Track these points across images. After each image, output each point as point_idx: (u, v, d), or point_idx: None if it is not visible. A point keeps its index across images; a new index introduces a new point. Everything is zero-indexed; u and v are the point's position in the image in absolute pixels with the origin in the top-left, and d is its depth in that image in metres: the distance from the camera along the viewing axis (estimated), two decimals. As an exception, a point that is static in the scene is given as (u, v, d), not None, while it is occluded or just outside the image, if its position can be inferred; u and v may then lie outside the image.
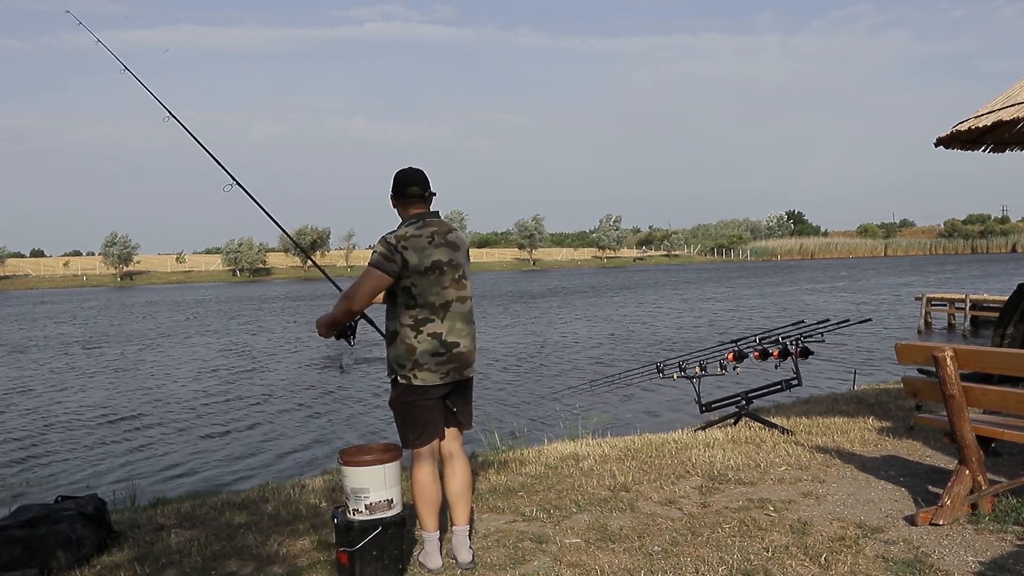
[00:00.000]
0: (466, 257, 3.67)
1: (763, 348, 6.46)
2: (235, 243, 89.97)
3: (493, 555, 3.71)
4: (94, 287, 77.43)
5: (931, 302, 25.00)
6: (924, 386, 4.38)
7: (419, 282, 3.47)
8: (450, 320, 3.51)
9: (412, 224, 3.54)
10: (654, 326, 26.45)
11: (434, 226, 3.56)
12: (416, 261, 3.45)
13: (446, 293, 3.51)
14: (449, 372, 3.51)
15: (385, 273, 3.45)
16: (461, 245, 3.64)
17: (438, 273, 3.49)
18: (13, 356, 23.43)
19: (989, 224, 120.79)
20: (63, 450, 11.60)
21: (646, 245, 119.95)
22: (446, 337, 3.49)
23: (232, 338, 27.08)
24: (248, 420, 13.41)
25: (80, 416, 14.08)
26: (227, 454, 11.14)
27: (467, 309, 3.59)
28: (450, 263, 3.53)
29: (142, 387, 17.14)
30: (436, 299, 3.49)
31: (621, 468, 5.13)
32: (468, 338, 3.57)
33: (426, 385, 3.48)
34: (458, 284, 3.56)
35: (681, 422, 8.64)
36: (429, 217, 3.60)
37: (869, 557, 3.52)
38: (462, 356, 3.54)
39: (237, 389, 16.53)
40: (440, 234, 3.55)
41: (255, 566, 3.73)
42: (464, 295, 3.59)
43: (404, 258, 3.44)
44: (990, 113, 5.04)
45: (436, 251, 3.50)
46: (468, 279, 3.64)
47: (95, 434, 12.59)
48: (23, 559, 3.72)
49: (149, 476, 10.03)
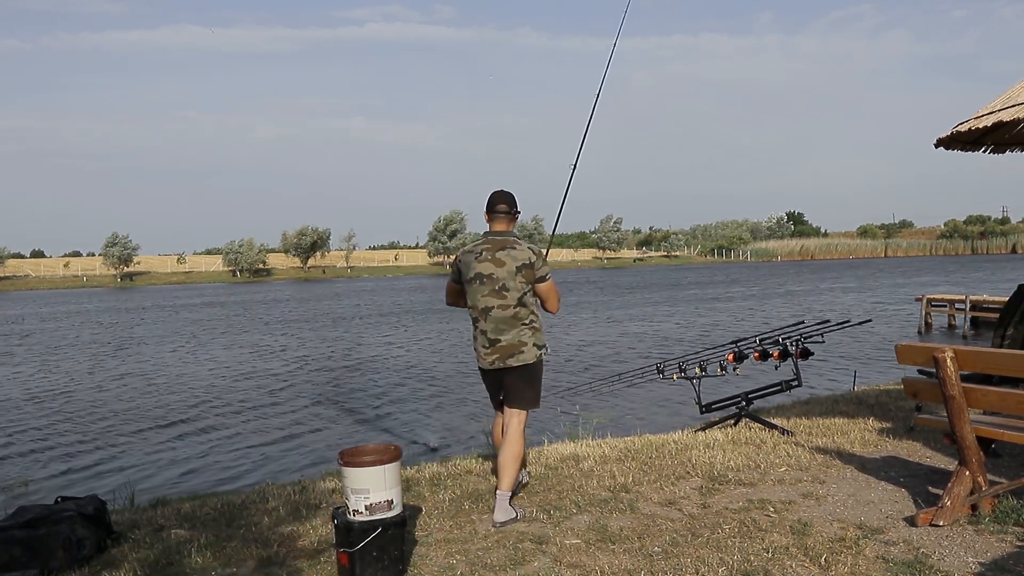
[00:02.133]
0: (516, 272, 4.22)
1: (763, 349, 6.45)
2: (235, 244, 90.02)
3: (493, 556, 3.71)
4: (94, 288, 77.39)
5: (931, 303, 24.99)
6: (924, 387, 4.37)
7: (468, 289, 4.33)
8: (491, 322, 4.25)
9: (477, 242, 4.37)
10: (654, 327, 26.45)
11: (488, 244, 4.29)
12: (464, 272, 4.32)
13: (486, 300, 4.25)
14: (494, 360, 4.28)
15: (450, 280, 4.48)
16: (510, 262, 4.23)
17: (479, 283, 4.26)
18: (13, 356, 23.43)
19: (989, 225, 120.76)
20: (63, 450, 11.60)
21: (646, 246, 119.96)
22: (490, 334, 4.26)
23: (234, 340, 27.07)
24: (248, 421, 13.41)
25: (80, 416, 14.08)
26: (227, 455, 11.14)
27: (509, 315, 4.24)
28: (490, 276, 4.23)
29: (142, 388, 17.13)
30: (478, 304, 4.28)
31: (621, 469, 5.13)
32: (509, 335, 4.24)
33: (481, 368, 4.39)
34: (498, 294, 4.22)
35: (681, 423, 8.64)
36: (494, 236, 4.32)
37: (869, 558, 3.51)
38: (503, 348, 4.25)
39: (237, 390, 16.53)
40: (491, 251, 4.27)
41: (255, 566, 3.73)
42: (505, 303, 4.22)
43: (458, 268, 4.38)
44: (990, 114, 5.03)
45: (480, 265, 4.26)
46: (515, 291, 4.22)
47: (95, 435, 12.59)
48: (23, 560, 3.72)
49: (149, 477, 10.04)
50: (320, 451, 11.09)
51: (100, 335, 29.59)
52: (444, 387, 16.09)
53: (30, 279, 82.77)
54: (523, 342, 4.25)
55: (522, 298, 4.24)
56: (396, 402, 14.71)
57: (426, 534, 4.07)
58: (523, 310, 4.26)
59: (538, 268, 4.28)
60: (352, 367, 19.34)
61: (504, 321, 4.22)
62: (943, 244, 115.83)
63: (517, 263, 4.24)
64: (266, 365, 20.17)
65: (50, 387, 17.50)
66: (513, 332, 4.23)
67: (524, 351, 4.25)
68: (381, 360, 20.44)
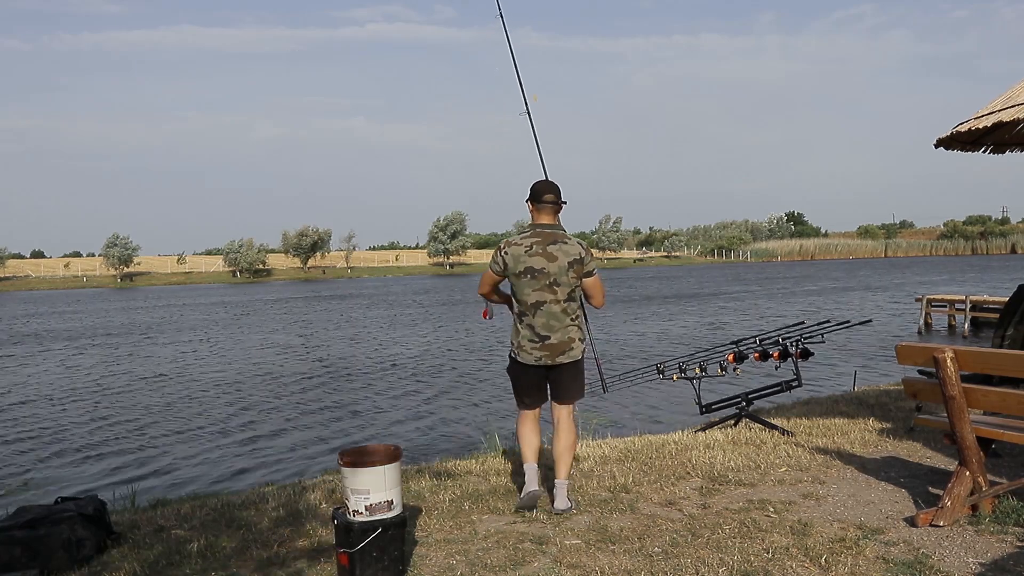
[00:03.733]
0: (568, 268, 4.16)
1: (763, 349, 6.45)
2: (235, 244, 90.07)
3: (493, 556, 3.71)
4: (94, 288, 77.40)
5: (931, 303, 24.99)
6: (924, 387, 4.37)
7: (515, 283, 4.25)
8: (542, 317, 4.19)
9: (524, 233, 4.25)
10: (654, 327, 26.45)
11: (538, 237, 4.20)
12: (512, 265, 4.21)
13: (537, 295, 4.18)
14: (542, 357, 4.22)
15: (491, 271, 4.32)
16: (561, 257, 4.16)
17: (529, 277, 4.17)
18: (12, 356, 23.43)
19: (989, 225, 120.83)
20: (63, 451, 11.60)
21: (646, 246, 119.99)
22: (539, 330, 4.19)
23: (234, 340, 27.07)
24: (248, 421, 13.41)
25: (80, 417, 14.08)
26: (227, 455, 11.14)
27: (559, 310, 4.19)
28: (542, 271, 4.15)
29: (142, 388, 17.13)
30: (528, 299, 4.21)
31: (621, 469, 5.13)
32: (560, 332, 4.21)
33: (524, 363, 4.27)
34: (550, 289, 4.17)
35: (681, 423, 8.63)
36: (542, 228, 4.23)
37: (869, 558, 3.51)
38: (552, 345, 4.21)
39: (238, 390, 16.53)
40: (541, 244, 4.17)
41: (255, 567, 3.73)
42: (557, 298, 4.18)
43: (504, 260, 4.24)
44: (990, 114, 5.03)
45: (530, 259, 4.17)
46: (566, 286, 4.18)
47: (95, 435, 12.59)
48: (23, 560, 3.72)
49: (149, 477, 10.04)
50: (320, 451, 11.09)
51: (101, 335, 29.59)
52: (445, 387, 16.09)
53: (30, 279, 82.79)
54: (572, 338, 4.25)
55: (572, 293, 4.22)
56: (396, 402, 14.71)
57: (426, 534, 4.07)
58: (572, 304, 4.25)
59: (587, 263, 4.26)
60: (352, 367, 19.34)
61: (555, 317, 4.19)
62: (943, 244, 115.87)
63: (569, 258, 4.19)
64: (266, 365, 20.17)
65: (50, 388, 17.50)
66: (563, 329, 4.21)
67: (573, 347, 4.25)
68: (382, 360, 20.44)
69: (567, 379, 4.32)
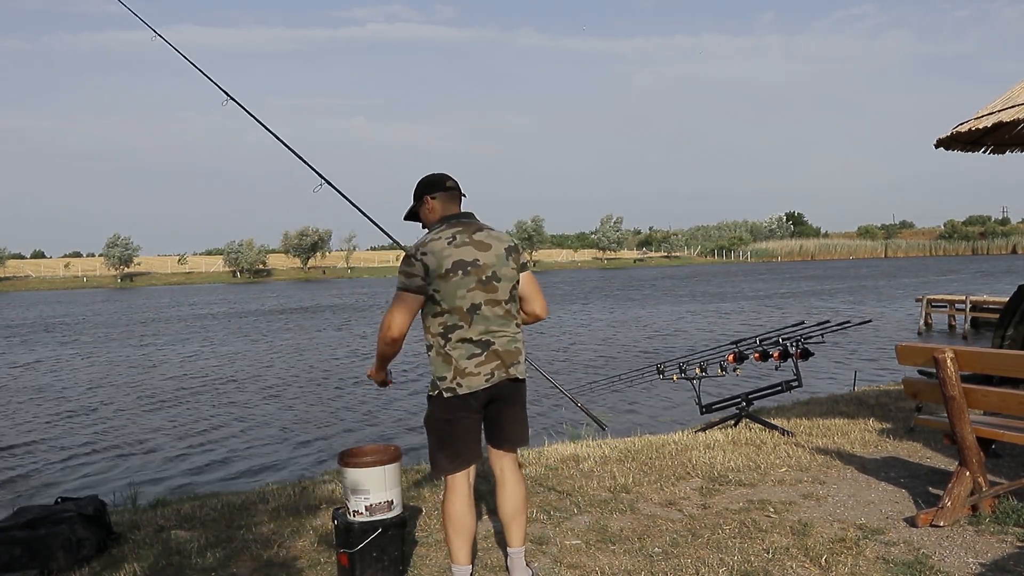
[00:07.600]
0: (505, 256, 3.26)
1: (763, 349, 6.45)
2: (236, 244, 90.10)
3: (493, 556, 3.71)
4: (94, 288, 77.40)
5: (931, 303, 24.98)
6: (924, 387, 4.37)
7: (442, 287, 3.14)
8: (479, 323, 3.17)
9: (437, 228, 3.26)
10: (654, 327, 26.44)
11: (459, 226, 3.24)
12: (435, 265, 3.13)
13: (472, 296, 3.16)
14: (494, 371, 3.18)
15: (409, 291, 3.15)
16: (495, 244, 3.26)
17: (461, 274, 3.15)
18: (12, 356, 23.43)
19: (989, 225, 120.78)
20: (63, 451, 11.59)
21: (646, 246, 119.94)
22: (478, 338, 3.17)
23: (234, 340, 27.07)
24: (249, 422, 13.40)
25: (80, 417, 14.08)
26: (228, 456, 11.14)
27: (501, 312, 3.22)
28: (475, 263, 3.17)
29: (143, 389, 17.13)
30: (460, 303, 3.15)
31: (621, 469, 5.13)
32: (504, 339, 3.22)
33: (473, 390, 3.15)
34: (488, 286, 3.19)
35: (681, 423, 8.64)
36: (457, 218, 3.30)
37: (869, 559, 3.52)
38: (500, 353, 3.20)
39: (238, 391, 16.53)
40: (465, 233, 3.22)
41: (255, 567, 3.73)
42: (497, 298, 3.21)
43: (424, 264, 3.13)
44: (990, 114, 5.04)
45: (458, 251, 3.17)
46: (507, 280, 3.25)
47: (95, 435, 12.58)
48: (23, 560, 3.72)
49: (149, 477, 10.03)
50: (320, 451, 11.09)
51: (101, 334, 29.60)
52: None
53: (30, 280, 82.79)
54: (519, 349, 3.29)
55: (512, 290, 3.28)
56: (396, 402, 14.71)
57: (426, 534, 4.07)
58: (515, 307, 3.30)
59: (522, 253, 3.40)
60: (353, 367, 19.33)
61: (496, 320, 3.20)
62: (943, 245, 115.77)
63: (504, 245, 3.29)
64: (267, 365, 20.17)
65: (50, 388, 17.50)
66: (509, 334, 3.24)
67: (521, 361, 3.30)
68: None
69: (517, 409, 3.31)
